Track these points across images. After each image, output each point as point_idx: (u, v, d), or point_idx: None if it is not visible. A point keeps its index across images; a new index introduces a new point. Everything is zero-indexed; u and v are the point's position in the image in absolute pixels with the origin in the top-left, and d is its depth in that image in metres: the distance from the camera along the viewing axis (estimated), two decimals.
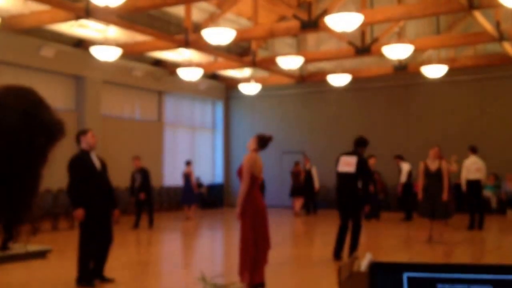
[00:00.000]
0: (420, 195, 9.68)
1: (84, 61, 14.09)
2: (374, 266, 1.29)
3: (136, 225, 12.41)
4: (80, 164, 6.30)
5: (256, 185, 5.90)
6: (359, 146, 8.04)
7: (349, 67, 16.47)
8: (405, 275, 1.26)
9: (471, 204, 11.72)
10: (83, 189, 6.24)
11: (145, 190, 12.41)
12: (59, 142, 1.19)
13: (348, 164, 7.94)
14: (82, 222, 6.18)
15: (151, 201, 12.80)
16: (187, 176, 14.77)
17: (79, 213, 6.10)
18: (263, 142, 5.94)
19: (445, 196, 9.37)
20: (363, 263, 1.40)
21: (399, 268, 1.27)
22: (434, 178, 9.48)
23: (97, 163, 6.40)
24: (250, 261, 5.64)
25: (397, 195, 14.56)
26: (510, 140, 15.47)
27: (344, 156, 8.02)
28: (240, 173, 5.86)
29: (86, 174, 6.29)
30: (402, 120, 17.01)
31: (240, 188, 5.78)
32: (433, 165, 9.60)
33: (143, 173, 12.53)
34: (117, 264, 7.18)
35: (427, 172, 9.60)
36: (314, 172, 16.00)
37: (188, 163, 14.95)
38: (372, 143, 16.60)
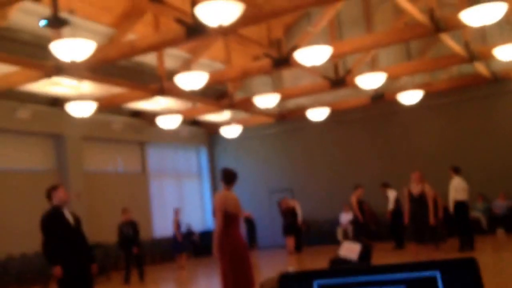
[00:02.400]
0: (406, 220, 9.60)
1: (61, 119, 14.02)
2: (284, 277, 1.20)
3: (126, 280, 12.10)
4: (54, 221, 6.13)
5: (235, 223, 5.77)
6: None
7: (327, 101, 16.58)
8: (316, 283, 1.17)
9: (460, 225, 11.60)
10: (59, 246, 6.06)
11: (137, 243, 12.19)
12: None
13: (351, 250, 8.11)
14: (60, 281, 5.97)
15: (141, 254, 12.55)
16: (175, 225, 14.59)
17: (57, 271, 5.89)
18: (226, 176, 5.88)
19: (431, 219, 9.32)
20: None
21: (308, 276, 1.18)
22: (418, 202, 9.43)
23: (70, 219, 6.23)
24: None
25: (387, 224, 14.41)
26: (492, 159, 15.48)
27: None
28: (215, 213, 5.78)
29: (60, 230, 6.11)
30: (384, 148, 17.03)
31: (214, 227, 5.67)
32: (416, 189, 9.57)
33: (133, 226, 12.33)
34: None
35: (411, 197, 9.55)
36: (298, 208, 15.89)
37: (176, 211, 14.79)
38: (357, 173, 16.72)
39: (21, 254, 12.81)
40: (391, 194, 14.03)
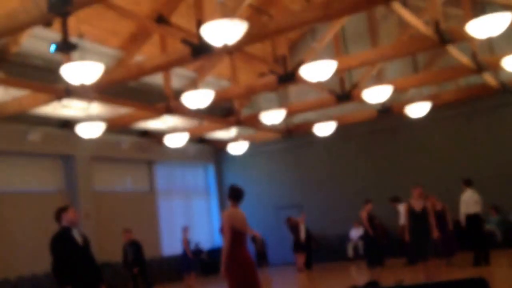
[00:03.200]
0: (406, 237, 9.46)
1: (71, 140, 14.09)
2: None
3: None
4: (63, 242, 6.13)
5: (242, 241, 5.75)
6: None
7: (334, 115, 16.54)
8: None
9: (473, 239, 11.42)
10: (68, 267, 6.06)
11: (138, 263, 12.11)
12: None
13: None
14: None
15: (146, 274, 12.47)
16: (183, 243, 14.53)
17: None
18: (234, 193, 5.88)
19: (435, 233, 9.20)
20: None
21: None
22: (420, 218, 9.24)
23: (79, 239, 6.23)
24: None
25: (398, 239, 14.26)
26: (504, 170, 15.30)
27: None
28: (222, 230, 5.76)
29: (69, 251, 6.11)
30: (392, 162, 16.92)
31: (223, 244, 5.65)
32: (418, 205, 9.35)
33: (135, 246, 12.27)
34: None
35: (413, 213, 9.35)
36: (301, 225, 15.84)
37: (184, 230, 14.74)
38: (366, 188, 16.60)
39: (31, 275, 12.81)
40: (402, 208, 13.89)
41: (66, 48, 8.40)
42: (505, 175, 15.20)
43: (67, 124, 14.00)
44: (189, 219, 18.39)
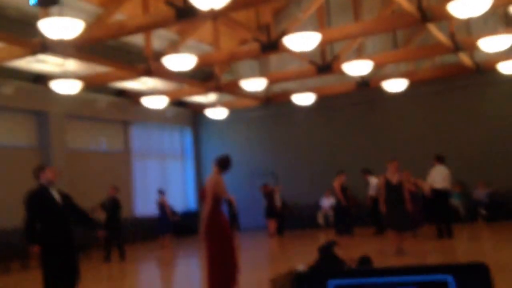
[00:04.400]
0: (383, 208, 9.75)
1: (45, 96, 13.89)
2: (298, 277, 1.25)
3: (107, 258, 12.13)
4: (38, 199, 6.13)
5: (220, 206, 5.88)
6: None
7: (313, 86, 16.63)
8: (330, 283, 1.23)
9: (438, 213, 11.82)
10: (44, 225, 6.09)
11: (113, 222, 12.17)
12: None
13: None
14: (44, 261, 5.98)
15: (121, 232, 12.56)
16: (161, 206, 14.66)
17: (35, 249, 5.92)
18: (222, 163, 5.97)
19: (409, 206, 9.51)
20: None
21: (323, 276, 1.24)
22: (396, 191, 9.54)
23: (57, 197, 6.23)
24: (218, 284, 5.55)
25: (367, 209, 14.63)
26: (472, 148, 15.77)
27: None
28: (203, 195, 5.86)
29: (45, 208, 6.12)
30: (367, 135, 17.20)
31: (204, 209, 5.74)
32: (394, 178, 9.67)
33: (114, 203, 12.33)
34: None
35: (389, 185, 9.65)
36: (277, 194, 16.14)
37: (161, 192, 14.87)
38: (339, 159, 16.88)
39: (1, 229, 12.69)
40: (373, 181, 14.21)
41: (47, 2, 8.20)
42: (473, 153, 15.68)
43: (41, 79, 13.75)
44: (163, 181, 18.43)
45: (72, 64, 12.74)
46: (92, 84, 13.76)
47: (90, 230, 6.31)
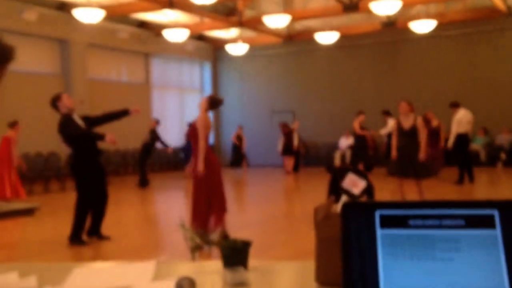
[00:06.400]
0: (394, 154, 8.78)
1: (68, 24, 13.83)
2: (347, 206, 1.29)
3: (143, 183, 12.60)
4: (70, 124, 6.25)
5: (208, 142, 5.91)
6: None
7: (337, 25, 16.29)
8: (377, 213, 1.27)
9: (460, 158, 11.74)
10: (74, 151, 6.28)
11: (149, 151, 13.03)
12: (6, 69, 1.18)
13: (355, 185, 8.01)
14: (81, 181, 6.18)
15: (146, 165, 13.08)
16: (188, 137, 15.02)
17: (111, 136, 6.14)
18: (214, 103, 5.97)
19: (422, 155, 8.36)
20: (339, 205, 1.41)
21: (371, 206, 1.27)
22: (407, 136, 8.43)
23: (81, 123, 6.35)
24: (202, 217, 5.66)
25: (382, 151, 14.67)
26: (499, 93, 15.52)
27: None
28: (191, 133, 5.88)
29: (72, 136, 6.27)
30: (391, 76, 16.97)
31: (199, 147, 5.70)
32: (406, 122, 8.50)
33: (154, 135, 13.05)
34: (113, 222, 7.18)
35: (401, 130, 8.54)
36: (295, 132, 16.22)
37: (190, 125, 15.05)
38: (361, 99, 16.76)
39: (36, 152, 13.10)
40: (390, 123, 14.14)
41: None
42: (500, 98, 15.44)
43: (65, 7, 13.64)
44: (181, 114, 18.54)
45: None
46: (114, 14, 13.65)
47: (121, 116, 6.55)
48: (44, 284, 1.33)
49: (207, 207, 5.73)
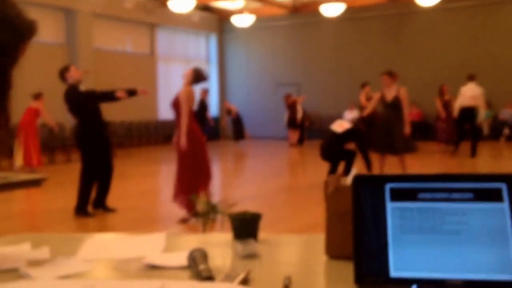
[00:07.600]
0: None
1: None
2: (357, 179, 1.31)
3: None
4: (70, 98, 6.28)
5: (193, 115, 5.79)
6: None
7: None
8: (388, 186, 1.29)
9: (463, 131, 11.77)
10: (79, 122, 6.31)
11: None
12: (30, 43, 1.17)
13: (340, 126, 8.19)
14: (86, 152, 6.22)
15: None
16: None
17: (121, 93, 6.31)
18: (198, 77, 5.73)
19: (407, 129, 7.90)
20: (349, 178, 1.44)
21: (381, 179, 1.29)
22: (390, 108, 8.00)
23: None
24: (186, 190, 5.61)
25: None
26: (504, 67, 15.39)
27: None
28: (175, 105, 5.71)
29: (78, 107, 6.30)
30: (397, 49, 16.82)
31: (182, 120, 5.57)
32: (389, 94, 8.05)
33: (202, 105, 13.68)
34: (118, 194, 7.23)
35: (383, 102, 8.14)
36: (299, 105, 16.22)
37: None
38: (366, 72, 16.65)
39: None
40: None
41: None
42: (504, 73, 15.32)
43: None
44: None
45: None
46: None
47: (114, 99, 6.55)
48: (57, 255, 1.35)
49: (191, 183, 5.61)
